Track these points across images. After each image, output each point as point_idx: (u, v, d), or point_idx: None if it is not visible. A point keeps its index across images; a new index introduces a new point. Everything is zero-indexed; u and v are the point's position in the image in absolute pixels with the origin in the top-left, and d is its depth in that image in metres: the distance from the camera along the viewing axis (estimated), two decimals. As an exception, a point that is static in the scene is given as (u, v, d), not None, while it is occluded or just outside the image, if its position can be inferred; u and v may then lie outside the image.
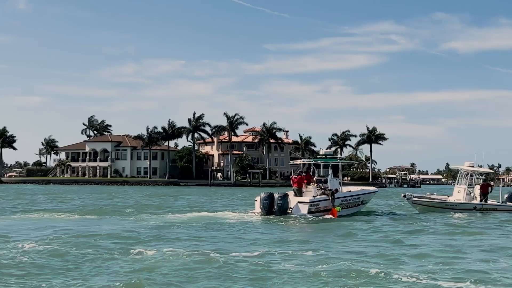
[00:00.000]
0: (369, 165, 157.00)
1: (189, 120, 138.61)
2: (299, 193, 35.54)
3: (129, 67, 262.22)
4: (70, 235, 23.65)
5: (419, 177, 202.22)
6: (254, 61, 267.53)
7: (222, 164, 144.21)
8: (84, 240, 22.19)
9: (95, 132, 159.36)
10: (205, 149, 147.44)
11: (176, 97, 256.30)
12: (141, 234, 24.57)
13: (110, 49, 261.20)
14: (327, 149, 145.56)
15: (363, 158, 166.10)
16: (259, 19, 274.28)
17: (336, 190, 35.91)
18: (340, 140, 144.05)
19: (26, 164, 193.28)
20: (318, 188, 35.87)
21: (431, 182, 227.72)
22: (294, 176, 36.90)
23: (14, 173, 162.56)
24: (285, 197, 34.44)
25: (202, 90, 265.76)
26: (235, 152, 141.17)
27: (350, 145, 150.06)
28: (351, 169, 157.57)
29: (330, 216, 34.07)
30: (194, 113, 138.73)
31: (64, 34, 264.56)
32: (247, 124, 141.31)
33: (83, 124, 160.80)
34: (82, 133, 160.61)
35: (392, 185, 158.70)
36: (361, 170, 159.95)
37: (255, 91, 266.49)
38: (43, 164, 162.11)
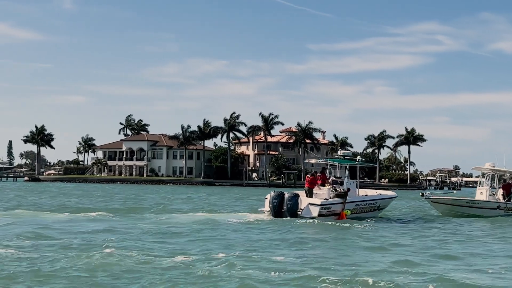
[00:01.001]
0: (407, 166, 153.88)
1: (225, 120, 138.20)
2: (310, 193, 34.14)
3: (172, 67, 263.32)
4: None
5: (461, 180, 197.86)
6: (297, 61, 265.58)
7: (257, 164, 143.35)
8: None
9: (132, 131, 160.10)
10: (241, 149, 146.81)
11: (218, 97, 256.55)
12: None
13: (152, 48, 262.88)
14: (364, 150, 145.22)
15: (402, 160, 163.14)
16: (302, 19, 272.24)
17: (348, 189, 34.36)
18: (377, 141, 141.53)
19: (68, 162, 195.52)
20: (332, 190, 34.44)
21: (474, 185, 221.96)
22: (308, 175, 35.63)
23: (53, 171, 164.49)
24: (295, 197, 33.01)
25: (244, 90, 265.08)
26: (271, 152, 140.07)
27: (387, 146, 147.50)
28: (390, 171, 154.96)
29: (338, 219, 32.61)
30: (232, 113, 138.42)
31: (108, 34, 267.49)
32: (282, 124, 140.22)
33: (120, 123, 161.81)
34: (119, 132, 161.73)
35: (432, 188, 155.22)
36: (399, 172, 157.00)
37: (297, 91, 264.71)
38: (81, 163, 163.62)
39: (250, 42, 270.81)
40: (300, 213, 32.79)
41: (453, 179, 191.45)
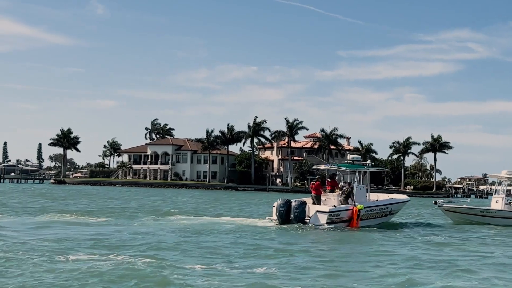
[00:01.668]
0: (434, 174, 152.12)
1: (249, 125, 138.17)
2: (317, 200, 33.63)
3: (202, 72, 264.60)
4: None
5: (489, 188, 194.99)
6: (326, 68, 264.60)
7: (281, 169, 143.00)
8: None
9: (158, 135, 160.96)
10: (265, 154, 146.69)
11: (247, 103, 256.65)
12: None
13: (183, 54, 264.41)
14: (389, 156, 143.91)
15: (428, 167, 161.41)
16: (332, 25, 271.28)
17: (352, 187, 33.89)
18: (402, 148, 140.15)
19: (94, 165, 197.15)
20: (340, 192, 33.91)
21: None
22: (312, 182, 35.17)
23: (79, 174, 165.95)
24: (302, 205, 32.33)
25: (273, 96, 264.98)
26: (295, 158, 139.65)
27: (413, 153, 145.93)
28: (415, 178, 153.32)
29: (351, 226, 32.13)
30: (255, 118, 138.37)
31: (139, 39, 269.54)
32: (307, 129, 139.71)
33: (146, 128, 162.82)
34: (145, 136, 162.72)
35: (459, 195, 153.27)
36: (425, 179, 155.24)
37: (326, 97, 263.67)
38: (106, 166, 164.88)
39: (279, 48, 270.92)
40: (308, 221, 32.28)
41: (481, 187, 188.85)
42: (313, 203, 33.38)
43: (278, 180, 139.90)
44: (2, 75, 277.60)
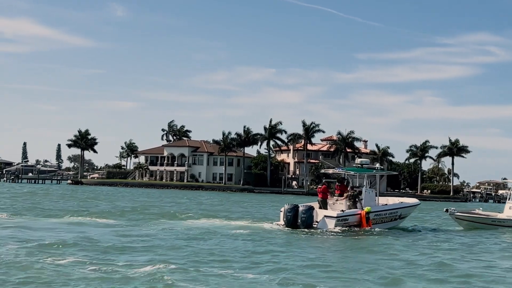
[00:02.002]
0: (451, 178, 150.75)
1: (265, 128, 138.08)
2: (323, 204, 33.44)
3: (221, 74, 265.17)
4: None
5: (509, 193, 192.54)
6: (345, 70, 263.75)
7: (297, 172, 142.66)
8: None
9: (175, 137, 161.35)
10: (281, 156, 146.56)
11: (265, 105, 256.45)
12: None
13: (202, 56, 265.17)
14: (406, 160, 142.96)
15: (446, 171, 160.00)
16: (351, 28, 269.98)
17: (360, 190, 33.68)
18: (419, 152, 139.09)
19: (111, 166, 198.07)
20: (349, 194, 33.70)
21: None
22: (319, 186, 34.95)
23: (97, 175, 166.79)
24: (309, 210, 32.10)
25: (292, 99, 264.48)
26: (311, 160, 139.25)
27: (430, 157, 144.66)
28: (433, 182, 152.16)
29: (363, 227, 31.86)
30: (271, 120, 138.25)
31: (159, 41, 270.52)
32: (323, 132, 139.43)
33: (162, 129, 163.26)
34: (162, 138, 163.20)
35: (477, 200, 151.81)
36: (443, 183, 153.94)
37: (344, 100, 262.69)
38: (123, 167, 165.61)
39: (298, 51, 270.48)
40: (315, 226, 32.11)
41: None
42: (320, 207, 33.18)
43: (294, 182, 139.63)
44: (22, 76, 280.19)
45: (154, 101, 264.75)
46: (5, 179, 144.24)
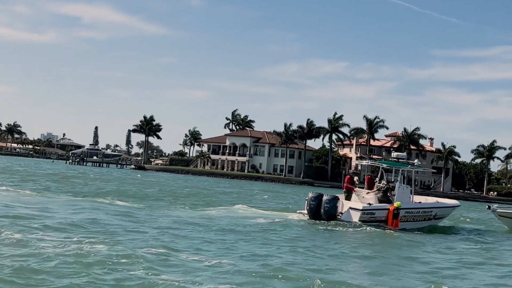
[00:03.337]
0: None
1: (329, 120, 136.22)
2: (348, 195, 32.34)
3: (292, 66, 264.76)
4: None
5: None
6: (419, 67, 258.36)
7: (359, 167, 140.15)
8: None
9: (238, 126, 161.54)
10: (344, 151, 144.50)
11: (336, 99, 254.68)
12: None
13: (275, 47, 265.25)
14: (472, 160, 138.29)
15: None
16: (427, 23, 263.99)
17: (393, 185, 32.14)
18: (486, 152, 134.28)
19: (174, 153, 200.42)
20: (380, 187, 32.34)
21: None
22: (347, 176, 33.81)
23: (160, 161, 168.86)
24: (333, 200, 31.11)
25: (363, 93, 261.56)
26: (374, 156, 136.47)
27: (498, 158, 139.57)
28: (501, 184, 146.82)
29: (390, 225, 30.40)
30: (335, 114, 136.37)
31: (233, 31, 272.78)
32: (387, 128, 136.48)
33: (226, 118, 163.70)
34: (225, 127, 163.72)
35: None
36: (511, 185, 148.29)
37: (418, 97, 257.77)
38: (185, 154, 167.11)
39: (372, 45, 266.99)
40: (340, 217, 31.00)
41: None
42: (345, 198, 32.09)
43: (356, 178, 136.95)
44: (99, 62, 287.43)
45: (224, 91, 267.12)
46: (70, 161, 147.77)
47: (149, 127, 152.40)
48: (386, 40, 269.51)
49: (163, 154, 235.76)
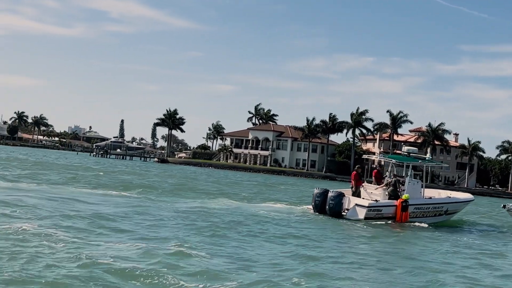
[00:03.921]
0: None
1: (352, 115, 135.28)
2: (355, 191, 31.87)
3: (319, 61, 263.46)
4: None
5: None
6: (447, 62, 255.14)
7: (382, 162, 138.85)
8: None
9: (261, 120, 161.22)
10: (367, 146, 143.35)
11: (362, 94, 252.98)
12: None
13: (301, 42, 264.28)
14: (496, 156, 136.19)
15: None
16: (456, 18, 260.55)
17: (400, 178, 31.59)
18: (511, 148, 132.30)
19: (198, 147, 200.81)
20: (388, 182, 31.76)
21: None
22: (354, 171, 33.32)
23: (184, 155, 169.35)
24: (338, 196, 30.41)
25: (390, 88, 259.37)
26: (397, 151, 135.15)
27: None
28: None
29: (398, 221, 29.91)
30: (358, 108, 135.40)
31: (258, 25, 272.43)
32: (411, 123, 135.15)
33: (249, 112, 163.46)
34: (247, 120, 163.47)
35: None
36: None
37: (445, 92, 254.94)
38: (208, 148, 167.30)
39: (399, 40, 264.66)
40: (345, 214, 30.44)
41: None
42: (352, 194, 31.61)
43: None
44: (126, 56, 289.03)
45: (250, 85, 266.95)
46: (94, 153, 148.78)
47: (172, 120, 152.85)
48: (414, 35, 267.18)
49: (188, 148, 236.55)
